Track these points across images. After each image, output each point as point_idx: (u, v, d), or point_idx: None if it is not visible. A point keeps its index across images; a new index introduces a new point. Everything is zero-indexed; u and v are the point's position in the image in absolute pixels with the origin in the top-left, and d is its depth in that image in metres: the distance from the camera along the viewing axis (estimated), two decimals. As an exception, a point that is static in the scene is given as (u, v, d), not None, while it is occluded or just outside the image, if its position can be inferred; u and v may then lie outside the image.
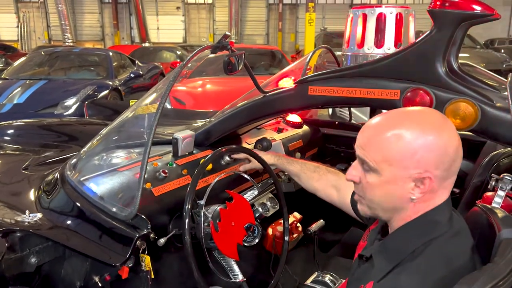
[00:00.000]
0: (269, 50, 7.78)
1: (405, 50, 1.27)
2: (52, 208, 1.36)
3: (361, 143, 0.90)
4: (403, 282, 0.81)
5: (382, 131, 0.87)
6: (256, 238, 1.44)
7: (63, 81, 6.07)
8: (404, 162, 0.84)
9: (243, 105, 1.66)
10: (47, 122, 2.94)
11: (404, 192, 0.86)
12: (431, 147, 0.82)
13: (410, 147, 0.83)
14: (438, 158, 0.83)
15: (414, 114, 0.90)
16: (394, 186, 0.86)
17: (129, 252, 1.16)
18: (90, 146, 1.60)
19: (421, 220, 0.88)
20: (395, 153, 0.84)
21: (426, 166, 0.83)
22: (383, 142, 0.86)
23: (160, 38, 20.09)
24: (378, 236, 1.02)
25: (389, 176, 0.86)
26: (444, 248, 0.85)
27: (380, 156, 0.86)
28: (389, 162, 0.85)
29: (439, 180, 0.84)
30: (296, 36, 20.46)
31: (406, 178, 0.85)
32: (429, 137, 0.83)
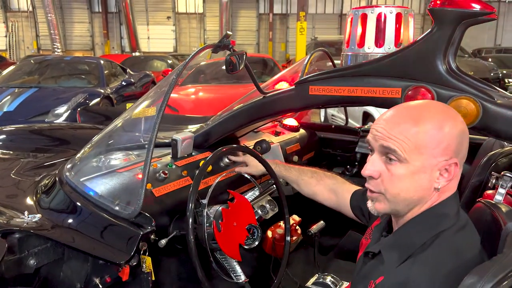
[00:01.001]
0: (261, 58, 7.82)
1: (406, 49, 1.28)
2: (52, 208, 1.34)
3: (386, 134, 0.88)
4: (414, 273, 0.81)
5: (409, 121, 0.87)
6: (256, 241, 1.43)
7: (53, 89, 6.00)
8: (434, 150, 0.85)
9: (242, 107, 1.66)
10: (38, 127, 2.90)
11: (431, 181, 0.87)
12: (454, 135, 0.86)
13: (438, 135, 0.85)
14: (461, 144, 0.86)
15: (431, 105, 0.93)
16: (423, 175, 0.87)
17: (134, 249, 1.14)
18: (87, 148, 1.59)
19: (429, 213, 0.89)
20: (425, 142, 0.85)
21: (451, 153, 0.86)
22: (412, 131, 0.86)
23: (151, 48, 20.10)
24: (384, 232, 1.01)
25: (419, 165, 0.86)
26: (453, 240, 0.86)
27: (410, 145, 0.86)
28: (420, 150, 0.85)
29: (458, 168, 0.87)
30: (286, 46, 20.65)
31: (434, 166, 0.86)
32: (450, 126, 0.86)
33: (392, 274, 0.85)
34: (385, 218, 1.04)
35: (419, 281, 0.80)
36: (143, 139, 1.69)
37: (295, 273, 1.83)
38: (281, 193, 1.61)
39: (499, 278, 0.73)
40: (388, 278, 0.85)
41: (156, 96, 1.60)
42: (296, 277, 1.79)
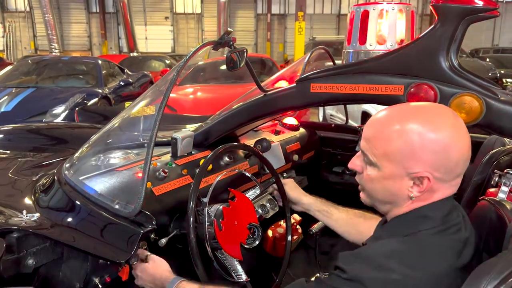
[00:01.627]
0: (260, 58, 7.81)
1: (408, 46, 1.27)
2: (51, 207, 1.32)
3: (365, 136, 0.91)
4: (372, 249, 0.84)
5: (384, 127, 0.87)
6: (256, 240, 1.42)
7: (51, 89, 5.97)
8: (404, 160, 0.84)
9: (243, 105, 1.65)
10: (36, 126, 2.89)
11: (402, 189, 0.86)
12: (432, 148, 0.81)
13: (410, 145, 0.83)
14: (438, 160, 0.82)
15: (419, 110, 0.87)
16: (392, 182, 0.87)
17: (135, 248, 1.12)
18: (86, 147, 1.57)
19: (412, 214, 0.88)
20: (395, 150, 0.84)
21: (425, 166, 0.83)
22: (384, 138, 0.85)
23: (149, 48, 20.08)
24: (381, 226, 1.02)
25: (388, 172, 0.86)
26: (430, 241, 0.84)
27: (380, 151, 0.86)
28: (389, 158, 0.85)
29: (439, 181, 0.84)
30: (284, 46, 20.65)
31: (405, 176, 0.85)
32: (431, 137, 0.81)
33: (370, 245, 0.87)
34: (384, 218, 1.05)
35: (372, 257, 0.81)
36: (142, 138, 1.67)
37: (295, 272, 1.81)
38: (283, 192, 1.59)
39: (505, 275, 0.72)
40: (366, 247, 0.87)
41: (154, 95, 1.59)
42: (297, 277, 1.77)
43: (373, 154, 0.88)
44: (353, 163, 0.96)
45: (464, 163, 0.85)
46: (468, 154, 0.85)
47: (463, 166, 0.85)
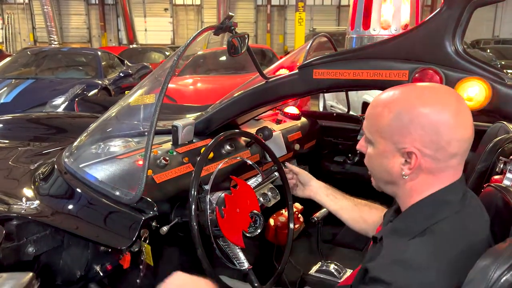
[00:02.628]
0: (260, 49, 7.77)
1: (413, 30, 1.25)
2: (51, 195, 1.31)
3: (366, 113, 0.92)
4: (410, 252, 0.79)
5: (378, 104, 0.88)
6: (258, 229, 1.40)
7: (51, 81, 5.94)
8: (393, 135, 0.84)
9: (244, 92, 1.63)
10: (36, 116, 2.87)
11: (395, 166, 0.86)
12: (420, 124, 0.81)
13: (399, 120, 0.83)
14: (427, 135, 0.80)
15: (415, 89, 0.87)
16: (386, 159, 0.87)
17: (136, 235, 1.11)
18: (85, 136, 1.56)
19: (429, 200, 0.86)
20: (385, 126, 0.85)
21: (413, 142, 0.82)
22: (377, 115, 0.87)
23: (148, 40, 19.96)
24: (391, 217, 0.99)
25: (381, 148, 0.87)
26: (459, 223, 0.82)
27: (374, 128, 0.88)
28: (381, 134, 0.86)
29: (430, 159, 0.82)
30: (284, 38, 20.54)
31: (395, 152, 0.85)
32: (420, 112, 0.81)
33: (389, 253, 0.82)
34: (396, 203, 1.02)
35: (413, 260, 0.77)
36: (142, 127, 1.65)
37: (298, 261, 1.81)
38: (285, 179, 1.58)
39: None
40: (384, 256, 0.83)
41: (153, 83, 1.57)
42: (299, 265, 1.77)
43: (369, 131, 0.90)
44: (359, 144, 0.97)
45: (459, 143, 0.81)
46: (465, 134, 0.82)
47: (458, 146, 0.82)
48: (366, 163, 0.95)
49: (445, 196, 0.85)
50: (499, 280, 0.69)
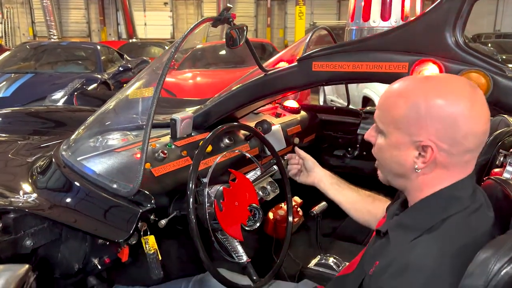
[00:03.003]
0: (260, 43, 7.75)
1: (413, 22, 1.24)
2: (48, 188, 1.30)
3: (377, 104, 0.89)
4: (416, 256, 0.77)
5: (393, 94, 0.86)
6: (257, 222, 1.40)
7: (50, 75, 5.93)
8: (409, 127, 0.81)
9: (243, 85, 1.62)
10: (35, 110, 2.86)
11: (408, 159, 0.83)
12: (437, 116, 0.78)
13: (416, 112, 0.80)
14: (444, 129, 0.78)
15: (431, 80, 0.85)
16: (398, 151, 0.85)
17: (133, 227, 1.11)
18: (82, 129, 1.55)
19: (439, 195, 0.84)
20: (401, 117, 0.82)
21: (429, 135, 0.80)
22: (391, 105, 0.84)
23: (148, 34, 19.87)
24: (397, 211, 0.98)
25: (394, 140, 0.85)
26: (466, 221, 0.81)
27: (388, 118, 0.85)
28: (396, 125, 0.84)
29: (445, 154, 0.80)
30: (284, 32, 20.43)
31: (410, 145, 0.82)
32: (438, 104, 0.78)
33: (394, 257, 0.81)
34: (402, 196, 1.01)
35: (422, 266, 0.75)
36: (141, 120, 1.65)
37: (297, 254, 1.80)
38: (284, 173, 1.57)
39: None
40: (390, 261, 0.81)
41: (151, 75, 1.56)
42: (298, 259, 1.77)
43: (381, 121, 0.87)
44: (368, 133, 0.94)
45: (475, 138, 0.79)
46: (482, 130, 0.80)
47: (474, 141, 0.80)
48: (375, 154, 0.92)
49: (455, 192, 0.83)
50: (499, 273, 0.69)
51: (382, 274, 0.80)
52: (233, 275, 1.39)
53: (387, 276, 0.79)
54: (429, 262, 0.76)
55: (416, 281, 0.74)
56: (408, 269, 0.76)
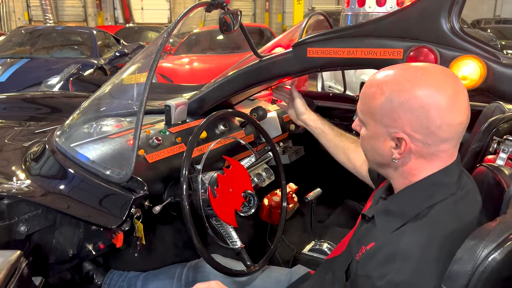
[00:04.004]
0: (258, 28, 7.67)
1: (409, 7, 1.22)
2: (42, 175, 1.30)
3: (360, 94, 0.91)
4: (404, 244, 0.78)
5: (372, 84, 0.86)
6: (252, 208, 1.41)
7: (46, 60, 5.88)
8: (384, 119, 0.82)
9: (238, 71, 1.60)
10: (31, 96, 2.84)
11: (386, 149, 0.85)
12: (410, 108, 0.79)
13: (390, 103, 0.81)
14: (417, 120, 0.79)
15: (409, 70, 0.83)
16: (377, 141, 0.86)
17: (126, 214, 1.11)
18: (76, 115, 1.54)
19: (426, 182, 0.84)
20: (377, 109, 0.83)
21: (403, 126, 0.80)
22: (369, 96, 0.85)
23: (145, 19, 19.63)
24: (383, 195, 0.99)
25: (372, 130, 0.86)
26: (453, 209, 0.82)
27: (366, 109, 0.87)
28: (373, 116, 0.85)
29: (421, 144, 0.80)
30: (283, 17, 20.23)
31: (386, 136, 0.84)
32: (410, 97, 0.78)
33: (382, 245, 0.81)
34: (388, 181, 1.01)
35: (410, 253, 0.76)
36: (135, 106, 1.64)
37: (291, 240, 1.82)
38: (278, 159, 1.58)
39: (503, 238, 0.71)
40: (377, 248, 0.82)
41: (145, 61, 1.54)
42: (292, 244, 1.78)
43: (361, 112, 0.88)
44: (355, 123, 0.96)
45: (450, 128, 0.79)
46: (458, 120, 0.79)
47: (449, 131, 0.79)
48: (360, 143, 0.94)
49: (440, 179, 0.84)
50: (487, 259, 0.69)
51: (370, 261, 0.81)
52: (227, 260, 1.40)
53: (375, 263, 0.79)
54: (417, 250, 0.76)
55: (405, 268, 0.75)
56: (396, 257, 0.77)
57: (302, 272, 1.35)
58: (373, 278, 0.77)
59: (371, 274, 0.78)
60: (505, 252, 0.69)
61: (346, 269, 0.92)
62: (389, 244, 0.80)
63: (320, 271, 1.14)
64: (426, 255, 0.76)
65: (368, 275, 0.79)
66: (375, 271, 0.78)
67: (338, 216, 2.13)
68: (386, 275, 0.75)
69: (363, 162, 1.35)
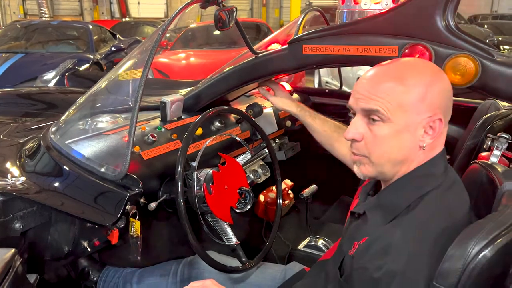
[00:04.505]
0: (254, 23, 7.64)
1: (404, 5, 1.22)
2: (37, 172, 1.30)
3: (367, 94, 0.85)
4: (398, 235, 0.79)
5: (390, 78, 0.84)
6: (248, 205, 1.41)
7: (41, 55, 5.85)
8: (418, 107, 0.83)
9: (234, 68, 1.60)
10: (26, 91, 2.82)
11: (416, 139, 0.85)
12: (437, 90, 0.84)
13: (421, 91, 0.82)
14: (444, 100, 0.85)
15: (413, 62, 0.91)
16: (407, 134, 0.84)
17: (121, 211, 1.11)
18: (71, 111, 1.54)
19: (415, 173, 0.86)
20: (408, 99, 0.82)
21: (435, 109, 0.84)
22: (395, 89, 0.83)
23: (141, 13, 19.51)
24: (371, 192, 1.00)
25: (403, 123, 0.83)
26: (442, 199, 0.84)
27: (394, 103, 0.83)
28: (403, 108, 0.83)
29: (444, 124, 0.85)
30: (280, 12, 20.15)
31: (418, 124, 0.83)
32: (434, 81, 0.84)
33: (376, 238, 0.82)
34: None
35: (402, 246, 0.77)
36: (131, 102, 1.63)
37: (287, 236, 1.83)
38: (274, 156, 1.58)
39: (494, 236, 0.72)
40: (371, 240, 0.83)
41: (141, 56, 1.54)
42: (288, 241, 1.79)
43: (385, 107, 0.83)
44: (351, 132, 0.88)
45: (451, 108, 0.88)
46: None
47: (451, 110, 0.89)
48: (370, 147, 0.87)
49: (429, 169, 0.86)
50: (477, 256, 0.70)
51: (365, 254, 0.82)
52: (222, 257, 1.41)
53: (370, 256, 0.80)
54: (410, 241, 0.78)
55: (400, 259, 0.76)
56: (391, 248, 0.78)
57: (297, 269, 1.36)
58: (369, 270, 0.78)
59: (367, 266, 0.79)
60: (495, 249, 0.70)
61: (339, 265, 0.92)
62: (383, 237, 0.81)
63: (314, 270, 1.15)
64: (418, 247, 0.77)
65: (364, 267, 0.80)
66: (370, 264, 0.79)
67: (333, 212, 2.14)
68: (382, 266, 0.76)
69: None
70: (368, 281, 0.78)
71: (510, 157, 1.36)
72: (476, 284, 0.70)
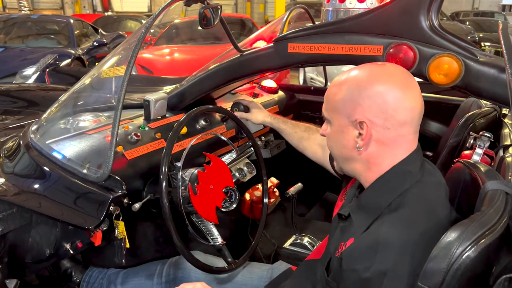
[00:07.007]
0: (239, 19, 7.60)
1: (389, 4, 1.22)
2: (16, 173, 1.27)
3: (324, 96, 0.96)
4: (384, 233, 0.80)
5: (335, 84, 0.93)
6: (233, 203, 1.40)
7: (21, 50, 5.72)
8: (346, 109, 0.88)
9: (218, 66, 1.59)
10: (5, 88, 2.75)
11: (350, 140, 0.89)
12: (367, 94, 0.86)
13: (350, 95, 0.88)
14: (375, 105, 0.85)
15: (366, 68, 0.92)
16: (342, 134, 0.91)
17: (103, 214, 1.09)
18: (53, 110, 1.50)
19: (391, 173, 0.88)
20: (339, 102, 0.90)
21: (363, 113, 0.86)
22: (330, 92, 0.93)
23: (124, 7, 19.21)
24: (356, 193, 1.01)
25: (337, 124, 0.92)
26: (423, 195, 0.85)
27: (329, 106, 0.93)
28: (335, 110, 0.91)
29: (381, 128, 0.86)
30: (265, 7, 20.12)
31: (349, 125, 0.89)
32: (368, 86, 0.86)
33: (361, 237, 0.84)
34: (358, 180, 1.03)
35: (390, 242, 0.78)
36: (114, 100, 1.60)
37: (272, 234, 1.83)
38: (259, 155, 1.57)
39: (477, 236, 0.72)
40: (357, 241, 0.84)
41: (125, 53, 1.51)
42: (273, 239, 1.79)
43: (326, 110, 0.94)
44: (322, 130, 1.00)
45: (405, 111, 0.85)
46: (412, 104, 0.86)
47: (405, 114, 0.85)
48: (328, 145, 0.99)
49: (406, 167, 0.88)
50: (461, 256, 0.71)
51: (352, 256, 0.83)
52: (208, 257, 1.40)
53: (357, 257, 0.81)
54: (396, 240, 0.79)
55: (387, 258, 0.77)
56: (378, 248, 0.79)
57: (283, 267, 1.36)
58: (358, 271, 0.79)
59: (355, 268, 0.80)
60: (478, 250, 0.71)
61: (326, 266, 0.93)
62: (368, 237, 0.82)
63: (301, 270, 1.16)
64: (404, 244, 0.78)
65: (353, 269, 0.81)
66: (359, 264, 0.80)
67: (318, 210, 2.14)
68: (370, 267, 0.77)
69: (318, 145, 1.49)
70: (358, 281, 0.79)
71: (492, 155, 1.38)
72: (460, 284, 0.71)
